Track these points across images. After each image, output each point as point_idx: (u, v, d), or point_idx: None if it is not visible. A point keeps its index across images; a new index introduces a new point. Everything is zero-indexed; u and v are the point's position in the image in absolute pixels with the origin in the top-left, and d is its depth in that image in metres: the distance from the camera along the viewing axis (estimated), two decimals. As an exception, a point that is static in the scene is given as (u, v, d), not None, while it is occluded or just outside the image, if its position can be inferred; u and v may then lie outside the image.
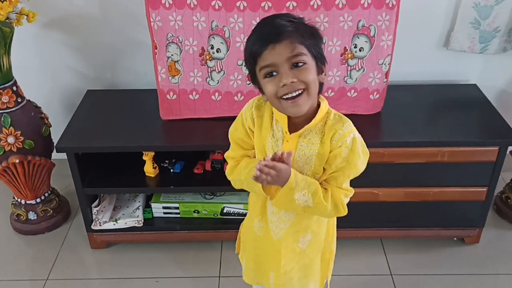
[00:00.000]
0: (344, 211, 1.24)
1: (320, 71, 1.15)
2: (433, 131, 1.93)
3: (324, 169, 1.23)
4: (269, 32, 1.09)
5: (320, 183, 1.22)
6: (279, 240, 1.33)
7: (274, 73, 1.10)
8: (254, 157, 1.31)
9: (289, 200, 1.20)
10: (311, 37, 1.12)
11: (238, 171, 1.30)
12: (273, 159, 1.13)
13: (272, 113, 1.23)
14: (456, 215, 2.05)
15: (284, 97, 1.11)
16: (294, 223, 1.31)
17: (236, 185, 1.32)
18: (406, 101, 2.10)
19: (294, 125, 1.20)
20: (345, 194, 1.24)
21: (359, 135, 1.21)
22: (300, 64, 1.09)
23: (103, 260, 2.09)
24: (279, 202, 1.23)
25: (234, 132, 1.30)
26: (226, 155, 1.35)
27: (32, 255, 2.14)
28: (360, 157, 1.20)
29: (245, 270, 1.51)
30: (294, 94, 1.10)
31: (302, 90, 1.11)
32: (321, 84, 1.17)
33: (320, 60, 1.15)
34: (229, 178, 1.34)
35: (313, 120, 1.17)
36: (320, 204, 1.20)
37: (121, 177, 2.02)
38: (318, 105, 1.20)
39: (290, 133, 1.20)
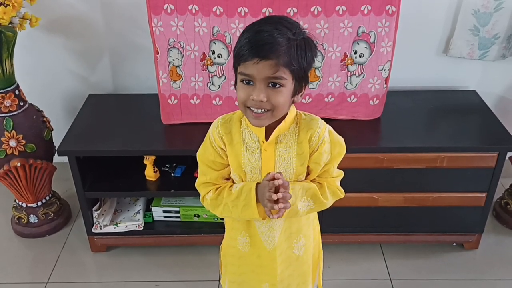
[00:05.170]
0: (342, 194, 1.29)
1: (298, 91, 1.15)
2: (432, 136, 1.93)
3: (308, 169, 1.25)
4: (262, 44, 1.05)
5: (313, 180, 1.26)
6: (274, 249, 1.33)
7: (251, 82, 1.09)
8: (229, 175, 1.28)
9: (294, 212, 1.22)
10: (302, 58, 1.08)
11: (226, 210, 1.25)
12: (271, 179, 1.13)
13: (241, 127, 1.22)
14: (455, 220, 2.05)
15: (250, 107, 1.12)
16: (285, 228, 1.31)
17: (222, 216, 1.30)
18: (406, 107, 2.11)
19: (268, 131, 1.20)
20: (338, 179, 1.29)
21: (329, 126, 1.25)
22: (277, 86, 1.09)
23: (104, 263, 2.10)
24: (285, 217, 1.22)
25: (204, 154, 1.27)
26: (199, 182, 1.30)
27: (33, 258, 2.14)
28: (339, 143, 1.25)
29: None
30: (259, 111, 1.11)
31: (267, 110, 1.11)
32: (293, 101, 1.17)
33: (301, 83, 1.13)
34: (213, 211, 1.29)
35: (283, 122, 1.18)
36: (321, 203, 1.26)
37: (122, 181, 2.03)
38: None
39: (266, 140, 1.20)
